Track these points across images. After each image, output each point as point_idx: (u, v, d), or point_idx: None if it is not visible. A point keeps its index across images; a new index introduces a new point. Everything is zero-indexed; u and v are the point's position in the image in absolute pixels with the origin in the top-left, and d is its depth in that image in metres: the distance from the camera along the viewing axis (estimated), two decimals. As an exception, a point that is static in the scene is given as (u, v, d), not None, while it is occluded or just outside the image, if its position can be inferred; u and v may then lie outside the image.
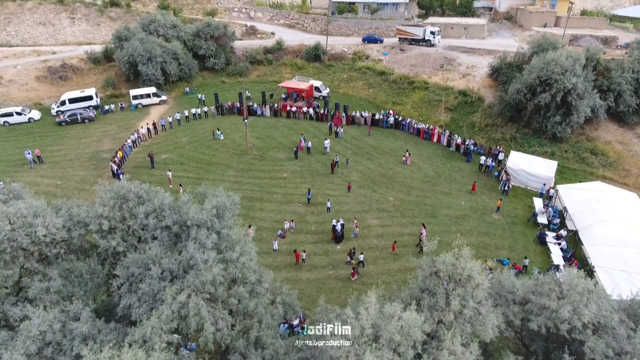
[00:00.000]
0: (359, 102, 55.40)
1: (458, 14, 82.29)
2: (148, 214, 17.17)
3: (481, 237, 31.82)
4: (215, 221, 16.22)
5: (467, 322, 12.89)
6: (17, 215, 15.26)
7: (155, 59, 55.33)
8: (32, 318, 13.26)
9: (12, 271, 15.32)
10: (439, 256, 15.25)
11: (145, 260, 15.12)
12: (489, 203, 36.08)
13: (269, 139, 46.91)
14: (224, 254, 15.13)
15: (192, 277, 13.99)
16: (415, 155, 43.47)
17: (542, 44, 48.03)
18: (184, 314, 13.61)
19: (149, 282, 14.54)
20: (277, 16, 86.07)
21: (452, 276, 13.88)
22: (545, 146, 42.32)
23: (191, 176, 39.72)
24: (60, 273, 15.91)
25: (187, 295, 13.75)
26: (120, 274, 15.29)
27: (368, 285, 28.25)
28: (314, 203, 35.83)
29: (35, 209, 15.75)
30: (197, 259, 14.41)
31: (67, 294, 15.40)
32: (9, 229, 14.89)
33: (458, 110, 50.16)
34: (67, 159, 42.77)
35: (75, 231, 16.85)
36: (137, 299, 14.77)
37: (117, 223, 17.16)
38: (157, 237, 16.71)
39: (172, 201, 17.73)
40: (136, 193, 17.58)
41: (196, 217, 15.73)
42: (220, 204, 16.64)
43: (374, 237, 31.92)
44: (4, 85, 55.49)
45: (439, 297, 13.65)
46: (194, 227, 15.93)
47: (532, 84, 42.37)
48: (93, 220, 16.61)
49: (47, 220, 15.69)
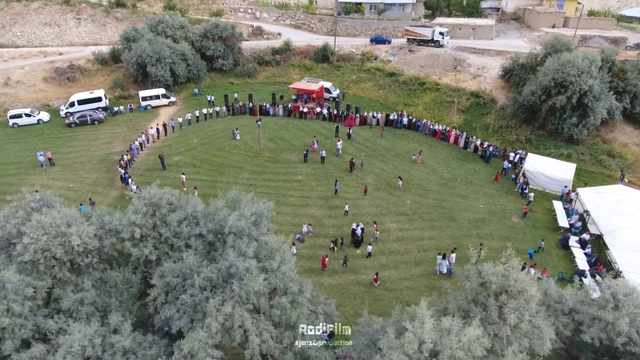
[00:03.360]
0: (369, 104, 55.00)
1: (465, 14, 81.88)
2: (181, 222, 16.75)
3: (502, 242, 31.32)
4: (253, 229, 15.79)
5: (524, 337, 12.49)
6: (52, 224, 14.81)
7: (164, 60, 54.84)
8: (73, 332, 12.82)
9: (45, 282, 14.86)
10: (484, 266, 14.89)
11: (183, 270, 14.67)
12: (508, 206, 35.71)
13: (281, 140, 46.46)
14: (264, 263, 14.71)
15: (236, 287, 13.55)
16: (430, 157, 43.10)
17: (555, 44, 47.66)
18: (228, 326, 13.18)
19: (191, 292, 14.10)
20: (283, 17, 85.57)
21: (503, 288, 13.45)
22: (561, 148, 41.97)
23: (205, 179, 39.28)
24: (93, 283, 15.48)
25: (231, 306, 13.32)
26: (157, 283, 14.85)
27: (391, 291, 27.93)
28: (330, 206, 35.44)
29: (68, 218, 15.30)
30: (238, 267, 13.98)
31: (102, 305, 14.96)
32: (45, 239, 14.43)
33: (471, 112, 49.80)
34: (78, 161, 42.28)
35: (106, 240, 16.41)
36: (176, 310, 14.33)
37: (148, 231, 16.74)
38: (191, 245, 16.28)
39: (204, 208, 17.30)
40: (168, 200, 17.14)
41: (235, 225, 15.28)
42: (258, 210, 16.20)
43: (393, 241, 31.52)
44: (12, 87, 54.95)
45: (490, 310, 13.23)
46: (231, 235, 15.48)
47: (547, 86, 42.01)
48: (125, 228, 16.16)
49: (80, 229, 15.25)
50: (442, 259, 28.67)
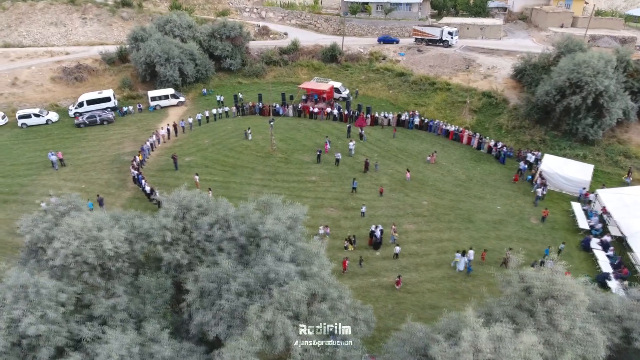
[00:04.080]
0: (379, 104, 54.62)
1: (472, 14, 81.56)
2: (212, 225, 16.38)
3: (522, 243, 31.01)
4: (289, 233, 15.42)
5: (577, 344, 12.14)
6: (83, 228, 14.43)
7: (173, 60, 54.45)
8: (110, 340, 12.43)
9: (76, 287, 14.48)
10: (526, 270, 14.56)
11: (219, 275, 14.29)
12: (525, 207, 35.37)
13: (292, 141, 46.08)
14: (302, 268, 14.34)
15: (276, 294, 13.18)
16: (444, 157, 42.75)
17: (568, 44, 47.31)
18: (269, 333, 12.81)
19: (228, 297, 13.73)
20: (289, 16, 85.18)
21: (549, 293, 13.09)
22: (576, 149, 41.62)
23: (218, 179, 38.91)
24: (125, 289, 15.10)
25: (272, 313, 12.95)
26: (192, 288, 14.47)
27: (413, 294, 27.57)
28: (346, 207, 35.09)
29: (99, 221, 14.92)
30: (278, 273, 13.61)
31: (135, 311, 14.58)
32: (76, 244, 14.06)
33: (483, 112, 49.45)
34: (89, 161, 41.89)
35: (137, 243, 16.03)
36: (212, 316, 13.96)
37: (179, 234, 16.37)
38: (224, 249, 15.90)
39: (235, 211, 16.94)
40: (197, 202, 16.76)
41: (272, 229, 14.90)
42: (293, 214, 15.83)
43: (412, 243, 31.16)
44: (19, 87, 54.57)
45: (538, 316, 12.87)
46: (266, 240, 15.11)
47: (562, 86, 41.67)
48: (156, 231, 15.78)
49: (111, 234, 14.87)
50: (461, 256, 28.55)
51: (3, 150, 43.79)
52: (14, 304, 12.80)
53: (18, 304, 12.79)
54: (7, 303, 12.76)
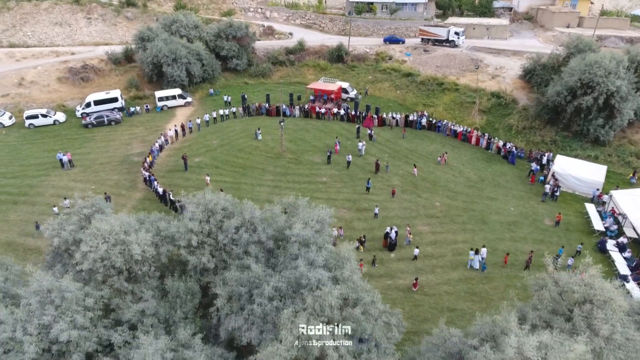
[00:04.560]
0: (387, 104, 54.42)
1: (477, 14, 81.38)
2: (238, 228, 16.18)
3: (537, 245, 30.88)
4: (318, 236, 15.22)
5: (617, 349, 11.96)
6: (111, 232, 14.23)
7: (180, 60, 54.22)
8: (144, 346, 12.23)
9: (103, 292, 14.28)
10: (560, 274, 14.39)
11: (250, 279, 14.09)
12: (538, 208, 35.21)
13: (302, 141, 45.86)
14: (334, 273, 14.15)
15: (310, 299, 12.98)
16: (455, 158, 42.57)
17: (578, 45, 47.16)
18: (304, 339, 12.61)
19: (260, 302, 13.53)
20: (294, 16, 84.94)
21: (587, 298, 12.91)
22: (587, 150, 41.47)
23: (228, 180, 38.71)
24: (152, 293, 14.90)
25: (306, 318, 12.76)
26: (222, 293, 14.27)
27: (430, 296, 27.38)
28: (359, 208, 34.90)
29: (126, 225, 14.72)
30: (310, 279, 13.42)
31: (164, 315, 14.38)
32: (105, 248, 13.85)
33: (492, 113, 49.27)
34: (97, 162, 41.65)
35: (162, 247, 15.83)
36: (243, 321, 13.76)
37: (204, 238, 16.17)
38: (250, 252, 15.70)
39: (261, 214, 16.75)
40: (222, 205, 16.56)
41: (301, 233, 14.69)
42: (320, 217, 15.64)
43: (427, 245, 30.96)
44: (26, 87, 54.33)
45: (576, 321, 12.69)
46: (295, 244, 14.91)
47: (573, 87, 41.50)
48: (182, 235, 15.58)
49: (139, 237, 14.67)
50: (475, 254, 28.69)
51: (11, 151, 43.55)
52: (41, 309, 12.58)
53: (45, 309, 12.57)
54: (33, 308, 12.53)
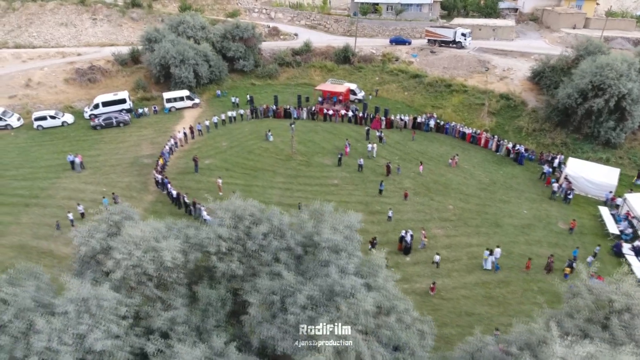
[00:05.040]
0: (395, 105, 54.34)
1: (483, 15, 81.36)
2: (266, 234, 16.08)
3: (552, 248, 30.83)
4: (348, 243, 15.13)
5: (660, 360, 11.87)
6: (143, 239, 14.12)
7: (187, 61, 54.07)
8: (180, 355, 12.13)
9: (134, 299, 14.16)
10: (593, 282, 14.29)
11: (283, 287, 13.99)
12: (552, 211, 35.13)
13: (311, 143, 45.77)
14: (367, 280, 14.06)
15: (345, 307, 12.89)
16: (465, 160, 42.50)
17: (588, 47, 47.10)
18: (341, 348, 12.53)
19: (293, 310, 13.43)
20: (298, 17, 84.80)
21: (626, 306, 12.83)
22: (598, 152, 41.41)
23: (239, 183, 38.60)
24: (182, 301, 14.80)
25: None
26: (254, 301, 14.17)
27: (448, 300, 27.30)
28: (372, 211, 34.81)
29: (157, 231, 14.61)
30: (344, 286, 13.33)
31: (195, 324, 14.28)
32: (138, 255, 13.74)
33: (502, 114, 49.20)
34: (107, 164, 41.51)
35: (191, 254, 15.72)
36: (277, 330, 13.66)
37: (232, 244, 16.07)
38: (280, 259, 15.61)
39: (289, 220, 16.66)
40: (250, 212, 16.47)
41: (331, 239, 14.60)
42: (350, 223, 15.55)
43: (441, 248, 30.86)
44: (33, 88, 54.16)
45: (614, 330, 12.61)
46: (325, 250, 14.81)
47: (585, 89, 41.43)
48: (212, 242, 15.47)
49: (169, 244, 14.57)
50: (489, 255, 28.83)
51: (21, 153, 43.41)
52: (78, 318, 12.48)
53: (82, 318, 12.47)
54: (70, 318, 12.43)
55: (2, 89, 53.27)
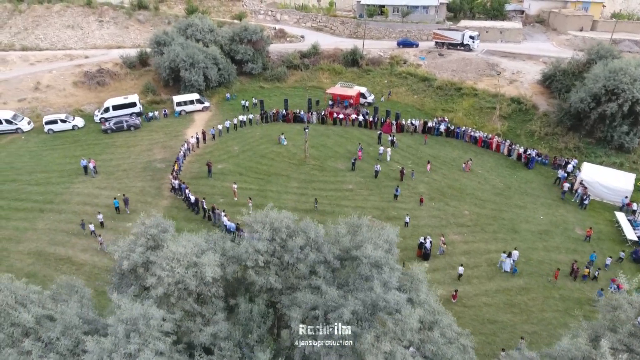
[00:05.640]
0: (405, 109, 54.29)
1: (489, 17, 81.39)
2: (303, 247, 16.03)
3: (571, 255, 30.87)
4: (389, 257, 15.11)
5: None
6: (185, 255, 14.06)
7: (197, 65, 53.98)
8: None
9: (176, 315, 14.09)
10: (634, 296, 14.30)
11: (327, 302, 13.95)
12: (568, 217, 35.16)
13: (323, 147, 45.71)
14: (409, 294, 14.03)
15: (391, 324, 12.86)
16: (478, 165, 42.49)
17: (599, 51, 47.17)
18: (388, 365, 12.50)
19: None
20: (304, 19, 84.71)
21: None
22: (612, 156, 41.47)
23: (254, 188, 38.54)
24: (222, 315, 14.74)
25: (389, 343, 12.63)
26: (296, 315, 14.13)
27: (469, 308, 27.31)
28: (388, 217, 34.75)
29: (198, 247, 14.56)
30: (389, 301, 13.30)
31: (237, 339, 14.22)
32: (182, 272, 13.68)
33: (513, 118, 49.22)
34: (120, 169, 41.40)
35: (229, 267, 15.67)
36: (321, 346, 13.62)
37: (269, 257, 16.02)
38: (318, 272, 15.56)
39: (325, 232, 16.64)
40: (286, 224, 16.42)
41: (373, 254, 14.55)
42: (389, 238, 15.51)
43: (460, 255, 30.89)
44: (42, 91, 54.04)
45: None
46: (366, 265, 14.76)
47: (598, 93, 41.48)
48: (250, 255, 15.42)
49: (210, 259, 14.51)
50: (507, 257, 29.19)
51: (33, 157, 43.28)
52: (127, 338, 12.41)
53: (131, 337, 12.40)
54: (119, 336, 12.36)
55: (12, 93, 53.15)
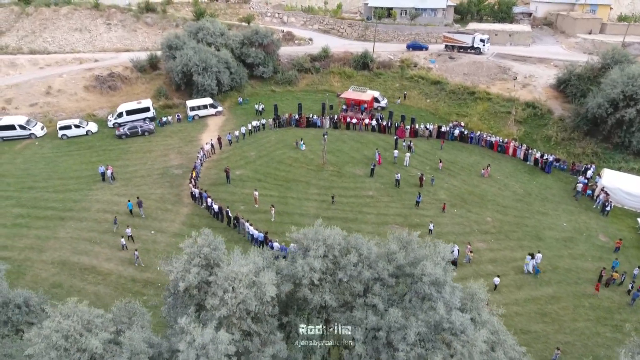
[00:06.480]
0: (419, 113, 54.18)
1: (497, 19, 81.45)
2: (356, 265, 15.91)
3: (596, 262, 30.89)
4: (448, 275, 14.99)
5: None
6: (245, 274, 13.91)
7: (210, 69, 53.69)
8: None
9: (236, 335, 13.94)
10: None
11: (390, 323, 13.81)
12: (591, 224, 35.17)
13: (340, 153, 45.57)
14: (471, 314, 13.93)
15: (458, 346, 12.75)
16: (496, 170, 42.47)
17: (614, 56, 47.22)
18: (459, 388, 12.39)
19: (403, 348, 13.27)
20: (311, 21, 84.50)
21: None
22: (630, 162, 41.53)
23: (274, 194, 38.37)
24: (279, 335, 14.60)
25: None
26: (359, 337, 13.99)
27: (501, 317, 27.11)
28: (412, 224, 34.63)
29: (257, 266, 14.40)
30: (454, 323, 13.18)
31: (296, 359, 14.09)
32: (245, 292, 13.53)
33: (528, 123, 49.21)
34: (138, 175, 41.12)
35: (283, 286, 15.52)
36: (385, 367, 13.51)
37: (322, 274, 15.88)
38: (374, 291, 15.43)
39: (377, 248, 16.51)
40: (338, 241, 16.28)
41: (434, 273, 14.43)
42: (445, 255, 15.40)
43: (487, 263, 30.86)
44: (54, 95, 53.63)
45: None
46: (425, 284, 14.63)
47: (615, 99, 41.51)
48: (305, 273, 15.28)
49: (268, 278, 14.36)
50: (531, 259, 29.81)
51: (49, 163, 42.92)
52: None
53: (201, 362, 12.25)
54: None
55: (23, 97, 52.72)
